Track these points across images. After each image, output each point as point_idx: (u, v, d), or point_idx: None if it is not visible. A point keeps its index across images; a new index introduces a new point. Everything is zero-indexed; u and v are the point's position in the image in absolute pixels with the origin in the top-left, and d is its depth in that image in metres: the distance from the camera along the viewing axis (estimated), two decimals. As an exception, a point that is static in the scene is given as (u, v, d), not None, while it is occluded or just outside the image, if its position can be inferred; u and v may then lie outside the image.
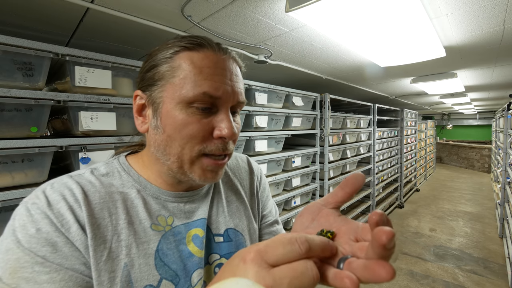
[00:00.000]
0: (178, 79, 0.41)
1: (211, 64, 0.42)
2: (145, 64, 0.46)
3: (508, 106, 3.54)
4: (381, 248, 0.22)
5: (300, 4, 1.08)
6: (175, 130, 0.42)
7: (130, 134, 1.19)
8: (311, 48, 1.80)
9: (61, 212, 0.38)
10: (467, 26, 1.44)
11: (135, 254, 0.42)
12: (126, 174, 0.48)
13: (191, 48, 0.42)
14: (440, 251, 3.19)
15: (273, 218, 0.64)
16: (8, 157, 0.90)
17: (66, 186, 0.41)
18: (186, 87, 0.41)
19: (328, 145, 2.59)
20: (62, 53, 0.98)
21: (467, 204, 5.04)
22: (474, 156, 8.90)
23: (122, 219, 0.43)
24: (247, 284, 0.21)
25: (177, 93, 0.41)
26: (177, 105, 0.42)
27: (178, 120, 0.42)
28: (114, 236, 0.41)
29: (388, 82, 3.17)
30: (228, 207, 0.56)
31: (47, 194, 0.39)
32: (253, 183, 0.63)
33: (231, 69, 0.44)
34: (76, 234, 0.38)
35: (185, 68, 0.41)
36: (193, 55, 0.42)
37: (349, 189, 0.31)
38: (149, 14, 1.24)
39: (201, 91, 0.40)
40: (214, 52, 0.43)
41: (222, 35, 1.50)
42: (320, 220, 0.33)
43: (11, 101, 0.88)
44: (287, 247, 0.25)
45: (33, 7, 1.14)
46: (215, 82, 0.41)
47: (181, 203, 0.49)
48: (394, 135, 4.52)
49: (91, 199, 0.42)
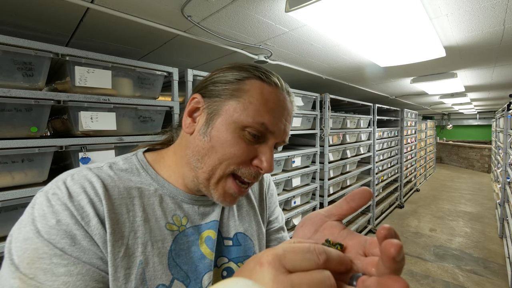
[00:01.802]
0: (243, 101, 0.44)
1: (276, 101, 0.45)
2: (213, 75, 0.48)
3: (508, 106, 3.54)
4: (391, 261, 0.22)
5: (300, 4, 1.08)
6: (221, 145, 0.44)
7: (130, 134, 1.19)
8: (311, 48, 1.80)
9: (81, 204, 0.38)
10: (467, 26, 1.44)
11: (150, 252, 0.42)
12: (144, 172, 0.48)
13: (264, 80, 0.46)
14: (440, 251, 3.19)
15: (279, 224, 0.65)
16: (8, 157, 0.90)
17: (86, 179, 0.41)
18: (248, 112, 0.43)
19: (328, 145, 2.59)
20: (62, 53, 0.98)
21: (467, 204, 5.04)
22: (474, 156, 8.89)
23: (139, 216, 0.43)
24: (247, 284, 0.21)
25: (238, 113, 0.44)
26: (232, 123, 0.44)
27: (227, 136, 0.44)
28: (131, 233, 0.41)
29: (388, 82, 3.17)
30: (238, 211, 0.56)
31: (68, 185, 0.39)
32: (262, 188, 0.64)
33: (289, 110, 0.48)
34: (96, 228, 0.38)
35: (253, 95, 0.44)
36: (263, 87, 0.45)
37: (355, 203, 0.31)
38: (149, 14, 1.24)
39: (260, 121, 0.43)
40: (282, 91, 0.47)
41: (222, 35, 1.50)
42: (324, 232, 0.32)
43: (11, 101, 0.88)
44: (306, 255, 0.24)
45: (33, 7, 1.14)
46: (274, 118, 0.44)
47: (195, 205, 0.50)
48: (394, 135, 4.52)
49: (110, 193, 0.42)
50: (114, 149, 1.14)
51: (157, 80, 1.29)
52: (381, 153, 3.96)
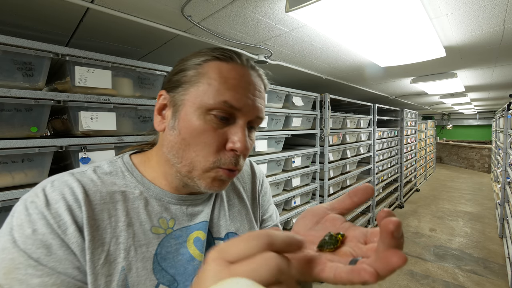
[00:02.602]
0: (202, 85, 0.42)
1: (237, 76, 0.43)
2: (175, 67, 0.47)
3: (508, 106, 3.54)
4: (390, 236, 0.22)
5: (300, 4, 1.08)
6: (190, 135, 0.42)
7: (130, 134, 1.19)
8: (311, 48, 1.80)
9: (59, 212, 0.38)
10: (467, 26, 1.44)
11: (133, 257, 0.41)
12: (129, 174, 0.47)
13: (221, 59, 0.43)
14: (440, 251, 3.19)
15: (273, 222, 0.64)
16: (8, 157, 0.90)
17: (66, 185, 0.41)
18: (209, 94, 0.41)
19: (328, 145, 2.59)
20: (62, 53, 0.98)
21: (467, 204, 5.04)
22: (474, 156, 8.89)
23: (122, 221, 0.42)
24: (247, 284, 0.21)
25: (199, 98, 0.42)
26: (196, 110, 0.42)
27: (194, 125, 0.42)
28: (113, 239, 0.41)
29: (388, 82, 3.17)
30: (230, 210, 0.55)
31: (47, 193, 0.39)
32: (255, 186, 0.63)
33: (256, 84, 0.45)
34: (73, 236, 0.37)
35: (211, 76, 0.42)
36: (221, 65, 0.43)
37: (357, 199, 0.32)
38: (149, 14, 1.24)
39: (222, 100, 0.41)
40: (242, 66, 0.44)
41: (222, 35, 1.50)
42: (325, 223, 0.32)
43: (11, 101, 0.88)
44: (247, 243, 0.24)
45: (33, 7, 1.14)
46: (237, 93, 0.42)
47: (183, 206, 0.49)
48: (394, 135, 4.52)
49: (91, 199, 0.41)
50: (114, 149, 1.14)
51: (157, 80, 1.29)
52: (381, 153, 3.96)
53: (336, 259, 0.27)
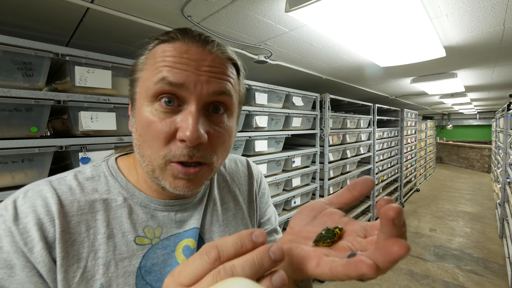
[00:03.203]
0: (146, 72, 0.38)
1: (176, 54, 0.37)
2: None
3: (508, 106, 3.54)
4: (390, 224, 0.20)
5: (300, 4, 1.08)
6: (142, 130, 0.38)
7: (130, 134, 1.19)
8: (311, 48, 1.80)
9: (27, 228, 0.34)
10: (467, 26, 1.44)
11: (113, 273, 0.38)
12: (113, 179, 0.43)
13: (165, 40, 0.39)
14: (440, 251, 3.19)
15: (271, 226, 0.60)
16: (8, 157, 0.90)
17: (40, 195, 0.37)
18: (150, 78, 0.37)
19: (328, 145, 2.59)
20: (62, 53, 0.98)
21: (467, 204, 5.04)
22: (474, 156, 8.89)
23: (101, 233, 0.39)
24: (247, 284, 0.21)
25: (144, 87, 0.38)
26: (144, 101, 0.38)
27: (144, 118, 0.38)
28: (91, 254, 0.37)
29: (388, 82, 3.17)
30: (224, 215, 0.51)
31: (18, 205, 0.36)
32: (252, 188, 0.58)
33: (205, 59, 0.38)
34: (40, 255, 0.34)
35: (154, 59, 0.38)
36: (164, 47, 0.38)
37: (357, 192, 0.30)
38: (149, 14, 1.24)
39: (159, 77, 0.36)
40: (185, 43, 0.38)
41: (222, 35, 1.50)
42: (323, 218, 0.31)
43: (11, 101, 0.88)
44: (196, 262, 0.23)
45: (33, 7, 1.14)
46: (176, 68, 0.36)
47: (171, 212, 0.45)
48: (394, 135, 4.52)
49: (67, 210, 0.38)
50: (114, 149, 1.14)
51: (157, 80, 1.29)
52: (381, 153, 3.96)
53: (333, 253, 0.25)
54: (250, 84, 1.75)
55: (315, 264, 0.25)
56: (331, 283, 2.57)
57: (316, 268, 0.25)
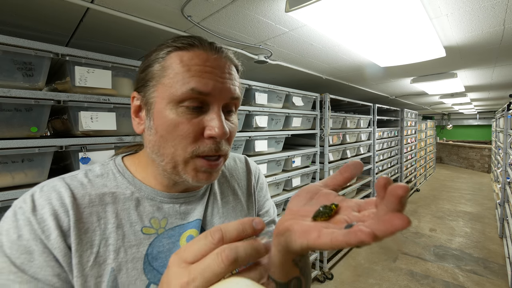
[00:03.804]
0: (167, 78, 0.42)
1: (200, 62, 0.42)
2: (141, 65, 0.46)
3: (508, 106, 3.54)
4: (397, 201, 0.22)
5: (300, 4, 1.08)
6: (167, 131, 0.42)
7: (130, 134, 1.19)
8: (311, 48, 1.80)
9: (44, 218, 0.38)
10: (467, 26, 1.44)
11: (123, 258, 0.41)
12: (120, 176, 0.47)
13: (182, 48, 0.43)
14: (440, 251, 3.19)
15: (270, 218, 0.64)
16: (8, 157, 0.90)
17: (54, 190, 0.41)
18: (175, 86, 0.41)
19: (328, 145, 2.59)
20: (62, 53, 0.98)
21: (467, 204, 5.04)
22: (474, 156, 8.89)
23: (111, 223, 0.42)
24: (246, 284, 0.21)
25: (167, 92, 0.41)
26: (167, 105, 0.42)
27: (168, 120, 0.41)
28: (102, 241, 0.41)
29: (388, 82, 3.17)
30: (224, 207, 0.55)
31: (35, 199, 0.39)
32: (250, 183, 0.62)
33: (223, 66, 0.43)
34: (55, 242, 0.37)
35: (174, 68, 0.41)
36: (183, 55, 0.42)
37: (348, 174, 0.33)
38: (149, 14, 1.24)
39: (189, 88, 0.40)
40: (205, 51, 0.43)
41: (222, 35, 1.50)
42: (319, 198, 0.33)
43: (11, 101, 0.88)
44: (200, 242, 0.26)
45: (33, 7, 1.14)
46: (203, 78, 0.41)
47: (176, 204, 0.49)
48: (394, 135, 4.52)
49: (79, 203, 0.41)
50: (114, 149, 1.14)
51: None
52: (381, 153, 3.96)
53: (332, 226, 0.28)
54: (250, 84, 1.75)
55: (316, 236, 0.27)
56: (331, 283, 2.57)
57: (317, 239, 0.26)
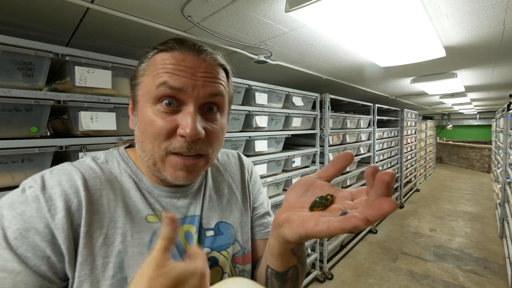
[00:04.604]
0: (147, 77, 0.44)
1: (175, 62, 0.43)
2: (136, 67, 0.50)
3: (508, 106, 3.54)
4: (385, 187, 0.24)
5: (300, 4, 1.08)
6: (145, 128, 0.44)
7: (130, 134, 1.19)
8: (311, 48, 1.80)
9: (53, 197, 0.39)
10: (467, 26, 1.44)
11: (129, 242, 0.43)
12: (124, 164, 0.49)
13: (164, 50, 0.45)
14: (440, 251, 3.19)
15: (264, 210, 0.66)
16: (8, 157, 0.90)
17: (64, 172, 0.42)
18: (151, 83, 0.43)
19: (328, 145, 2.59)
20: (62, 53, 0.98)
21: (467, 204, 5.04)
22: (474, 156, 8.89)
23: (120, 207, 0.44)
24: (246, 284, 0.21)
25: (145, 90, 0.44)
26: (146, 103, 0.44)
27: (146, 117, 0.43)
28: (111, 223, 0.42)
29: (388, 82, 3.17)
30: (219, 201, 0.57)
31: (45, 179, 0.41)
32: (244, 177, 0.64)
33: (200, 66, 0.44)
34: (60, 222, 0.38)
35: (153, 68, 0.44)
36: (163, 55, 0.44)
37: (339, 165, 0.35)
38: (149, 14, 1.24)
39: (161, 81, 0.42)
40: (183, 52, 0.44)
41: (222, 35, 1.50)
42: (315, 190, 0.36)
43: (11, 101, 0.88)
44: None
45: (33, 7, 1.14)
46: (175, 75, 0.42)
47: (174, 199, 0.50)
48: (394, 135, 4.52)
49: (90, 185, 0.43)
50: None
51: (157, 80, 1.29)
52: (381, 153, 3.96)
53: (328, 214, 0.30)
54: (250, 84, 1.75)
55: (314, 224, 0.29)
56: (331, 283, 2.57)
57: (315, 227, 0.28)
